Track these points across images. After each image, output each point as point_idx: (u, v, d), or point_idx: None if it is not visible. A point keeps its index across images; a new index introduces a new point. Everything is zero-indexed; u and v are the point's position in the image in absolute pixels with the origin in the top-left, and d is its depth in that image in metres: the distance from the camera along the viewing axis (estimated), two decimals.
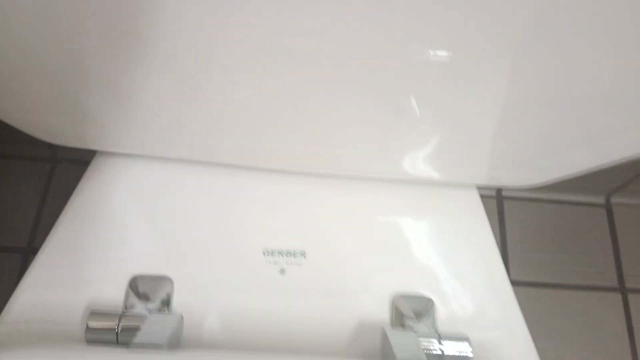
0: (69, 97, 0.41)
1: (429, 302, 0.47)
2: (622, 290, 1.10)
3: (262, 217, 0.50)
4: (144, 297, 0.45)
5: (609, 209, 1.17)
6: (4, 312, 0.45)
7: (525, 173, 0.52)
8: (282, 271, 0.48)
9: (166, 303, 0.45)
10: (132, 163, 0.51)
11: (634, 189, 1.14)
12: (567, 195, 1.18)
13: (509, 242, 1.13)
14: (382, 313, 0.47)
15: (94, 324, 0.41)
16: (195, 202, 0.50)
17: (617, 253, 1.13)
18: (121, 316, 0.42)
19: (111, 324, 0.41)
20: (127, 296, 0.45)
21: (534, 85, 0.37)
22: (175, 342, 0.41)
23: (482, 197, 1.14)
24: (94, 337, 0.41)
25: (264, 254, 0.49)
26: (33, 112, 0.44)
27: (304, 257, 0.49)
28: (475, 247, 0.52)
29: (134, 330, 0.41)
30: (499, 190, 1.13)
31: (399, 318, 0.47)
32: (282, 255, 0.49)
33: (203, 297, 0.47)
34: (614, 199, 1.18)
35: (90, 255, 0.47)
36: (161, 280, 0.46)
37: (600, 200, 1.18)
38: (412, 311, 0.47)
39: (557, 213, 1.15)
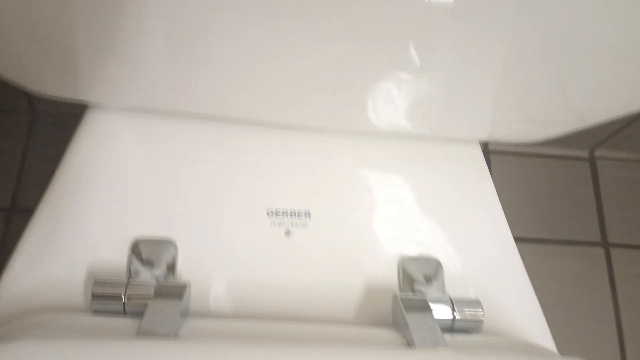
0: (59, 44, 0.39)
1: (437, 264, 0.47)
2: (605, 244, 1.12)
3: (266, 176, 0.49)
4: (147, 262, 0.43)
5: (592, 163, 1.18)
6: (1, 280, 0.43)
7: (528, 128, 0.51)
8: (288, 233, 0.47)
9: (171, 269, 0.44)
10: (129, 118, 0.48)
11: (617, 142, 1.15)
12: (552, 149, 1.18)
13: None
14: (390, 275, 0.47)
15: (99, 292, 0.40)
16: (196, 160, 0.48)
17: (600, 207, 1.15)
18: (127, 285, 0.40)
19: (118, 292, 0.40)
20: (130, 262, 0.44)
21: (538, 38, 0.36)
22: (185, 310, 0.40)
23: None
24: (101, 307, 0.40)
25: (268, 214, 0.47)
26: (24, 62, 0.42)
27: (309, 217, 0.48)
28: (480, 204, 0.51)
29: (141, 299, 0.40)
30: (485, 145, 1.13)
31: (407, 282, 0.46)
32: (287, 215, 0.47)
33: (208, 262, 0.45)
34: (598, 153, 1.19)
35: (88, 218, 0.45)
36: (165, 244, 0.45)
37: (585, 154, 1.19)
38: (421, 274, 0.46)
39: (541, 167, 1.16)
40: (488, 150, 1.14)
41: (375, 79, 0.42)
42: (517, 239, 1.12)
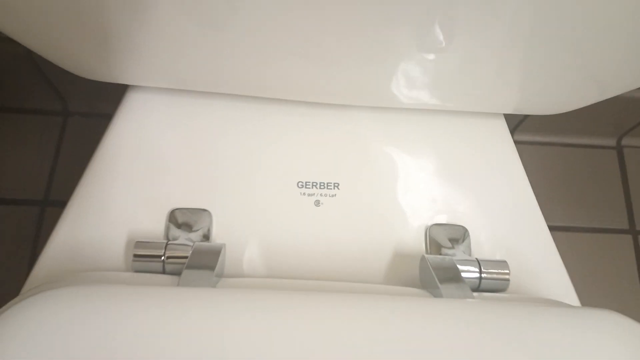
0: (99, 29, 0.41)
1: (464, 229, 0.48)
2: (633, 232, 1.11)
3: (296, 150, 0.51)
4: (184, 228, 0.46)
5: (619, 151, 1.18)
6: (45, 247, 0.45)
7: (551, 100, 0.52)
8: (317, 202, 0.49)
9: (206, 235, 0.46)
10: (165, 98, 0.51)
11: None
12: (579, 139, 1.19)
13: None
14: (418, 242, 0.48)
15: (140, 252, 0.42)
16: (229, 135, 0.50)
17: (628, 195, 1.14)
18: (166, 246, 0.42)
19: (158, 252, 0.42)
20: (167, 229, 0.46)
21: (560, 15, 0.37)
22: (220, 271, 0.42)
23: None
24: (141, 267, 0.42)
25: (298, 185, 0.49)
26: (65, 45, 0.44)
27: (338, 188, 0.49)
28: (505, 176, 0.52)
29: (180, 259, 0.42)
30: (511, 134, 1.14)
31: (435, 247, 0.47)
32: (317, 187, 0.49)
33: (241, 230, 0.47)
34: (625, 141, 1.18)
35: (129, 188, 0.48)
36: (200, 213, 0.47)
37: (612, 142, 1.18)
38: (448, 239, 0.47)
39: (569, 156, 1.17)
40: (514, 140, 1.15)
41: (400, 55, 0.43)
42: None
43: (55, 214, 0.98)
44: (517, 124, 1.11)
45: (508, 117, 0.56)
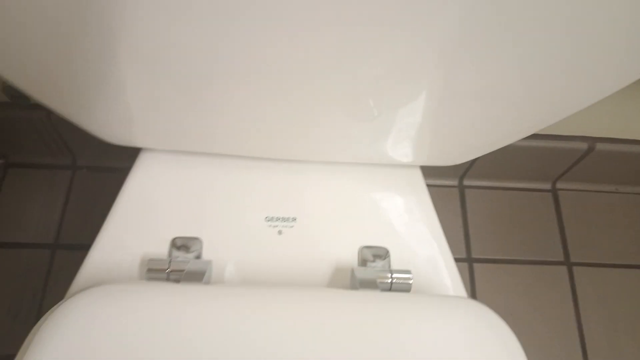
0: (121, 103, 0.59)
1: (386, 250, 0.66)
2: (568, 263, 1.22)
3: (264, 194, 0.69)
4: (182, 250, 0.63)
5: (554, 193, 1.29)
6: (83, 265, 0.63)
7: (452, 154, 0.69)
8: (280, 232, 0.67)
9: (198, 256, 0.64)
10: (170, 158, 0.69)
11: (574, 175, 1.27)
12: (519, 183, 1.30)
13: (470, 225, 1.25)
14: (351, 260, 0.66)
15: (152, 267, 0.60)
16: (216, 185, 0.69)
17: (563, 231, 1.26)
18: (170, 262, 0.60)
19: (164, 267, 0.60)
20: (170, 251, 0.64)
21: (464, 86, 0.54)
22: (207, 280, 0.60)
23: (447, 187, 1.30)
24: (152, 277, 0.60)
25: (266, 220, 0.67)
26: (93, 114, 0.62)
27: (295, 221, 0.67)
28: (420, 212, 0.70)
29: (179, 271, 0.59)
30: (460, 180, 1.26)
31: (363, 262, 0.65)
32: (280, 220, 0.67)
33: (223, 252, 0.65)
34: (559, 185, 1.29)
35: (142, 225, 0.65)
36: (194, 240, 0.65)
37: (547, 186, 1.30)
38: (373, 257, 0.65)
39: (511, 198, 1.28)
40: (463, 185, 1.29)
41: (339, 128, 0.62)
42: (491, 260, 1.25)
43: (64, 255, 1.12)
44: (464, 171, 1.24)
45: (457, 165, 0.73)
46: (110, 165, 1.19)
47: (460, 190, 1.30)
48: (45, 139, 1.13)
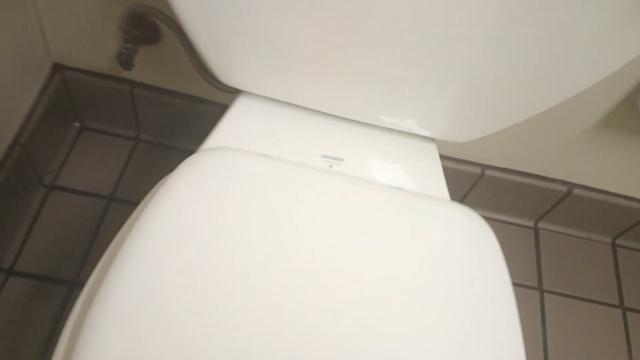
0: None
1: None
2: (540, 289, 1.36)
3: (325, 140, 0.88)
4: None
5: (536, 232, 1.43)
6: None
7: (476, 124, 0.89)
8: (331, 166, 0.87)
9: None
10: (259, 104, 0.89)
11: (556, 217, 1.40)
12: (502, 216, 1.45)
13: None
14: None
15: None
16: (294, 125, 0.88)
17: (540, 267, 1.39)
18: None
19: None
20: None
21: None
22: None
23: None
24: None
25: (322, 157, 0.87)
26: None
27: (343, 161, 0.87)
28: (427, 168, 0.90)
29: None
30: None
31: None
32: (331, 159, 0.87)
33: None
34: (541, 224, 1.44)
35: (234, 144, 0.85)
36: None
37: (530, 223, 1.45)
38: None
39: (496, 230, 1.42)
40: None
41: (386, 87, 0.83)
42: None
43: (117, 207, 1.24)
44: (460, 199, 1.40)
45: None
46: (167, 144, 1.37)
47: None
48: (121, 111, 1.28)
